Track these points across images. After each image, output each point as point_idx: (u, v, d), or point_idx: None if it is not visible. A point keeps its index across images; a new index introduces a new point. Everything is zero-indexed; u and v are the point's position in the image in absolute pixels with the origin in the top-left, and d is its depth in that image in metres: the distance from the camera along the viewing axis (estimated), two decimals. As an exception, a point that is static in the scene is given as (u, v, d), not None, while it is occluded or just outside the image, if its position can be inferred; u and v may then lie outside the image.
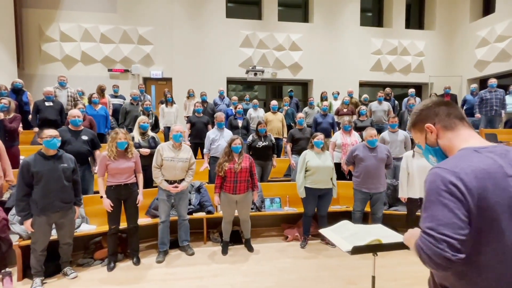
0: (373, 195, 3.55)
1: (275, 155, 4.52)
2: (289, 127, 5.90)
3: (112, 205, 2.89)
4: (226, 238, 3.46)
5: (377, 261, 3.15)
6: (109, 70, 8.02)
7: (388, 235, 1.52)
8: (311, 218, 3.67)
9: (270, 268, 3.04)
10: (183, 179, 3.27)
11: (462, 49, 9.24)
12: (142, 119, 3.89)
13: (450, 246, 0.76)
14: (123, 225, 3.09)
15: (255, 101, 6.40)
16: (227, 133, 4.38)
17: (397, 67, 9.42)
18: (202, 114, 5.27)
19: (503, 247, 0.79)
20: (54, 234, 2.79)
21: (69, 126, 3.57)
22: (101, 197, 2.90)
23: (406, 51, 9.41)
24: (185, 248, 3.38)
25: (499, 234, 0.79)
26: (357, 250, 1.40)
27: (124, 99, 6.94)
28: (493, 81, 6.47)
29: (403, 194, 3.54)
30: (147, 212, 3.66)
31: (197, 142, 5.04)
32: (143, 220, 3.44)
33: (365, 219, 3.87)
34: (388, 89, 7.14)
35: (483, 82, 8.58)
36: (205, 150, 4.28)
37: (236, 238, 3.71)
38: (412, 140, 4.57)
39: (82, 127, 3.67)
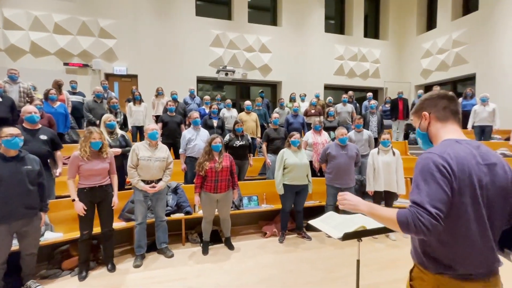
0: (344, 190, 3.84)
1: (251, 154, 4.61)
2: (262, 127, 6.05)
3: (86, 208, 2.69)
4: (206, 238, 3.44)
5: (345, 251, 3.45)
6: (65, 64, 7.31)
7: (369, 222, 1.71)
8: (288, 214, 3.83)
9: (252, 264, 3.11)
10: (160, 179, 3.18)
11: (410, 58, 10.40)
12: (107, 117, 3.65)
13: (441, 218, 0.92)
14: (95, 230, 2.89)
15: (228, 100, 6.42)
16: (204, 133, 4.35)
17: (357, 72, 10.23)
18: (174, 114, 5.13)
19: (465, 213, 0.97)
20: (15, 244, 2.50)
21: (24, 125, 3.19)
22: (73, 200, 2.67)
23: (365, 58, 10.27)
24: (164, 250, 3.28)
25: (465, 203, 0.97)
26: (347, 236, 1.55)
27: (84, 96, 6.42)
28: (436, 88, 7.44)
29: (370, 188, 3.91)
30: (120, 216, 3.46)
31: (170, 143, 4.88)
32: (117, 224, 3.25)
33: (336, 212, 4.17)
34: (350, 92, 7.73)
35: (427, 89, 9.77)
36: (181, 150, 4.18)
37: (215, 237, 3.71)
38: (376, 139, 5.04)
39: (40, 126, 3.31)
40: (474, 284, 1.00)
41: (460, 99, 7.06)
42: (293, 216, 4.05)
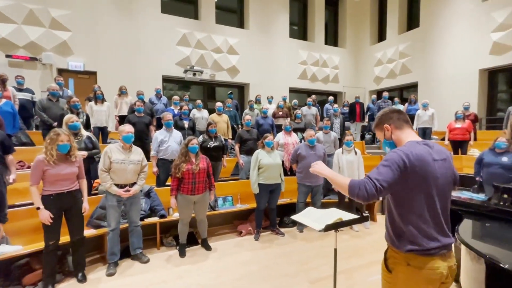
0: (314, 187, 4.15)
1: (225, 155, 4.67)
2: (232, 129, 6.14)
3: (52, 216, 2.49)
4: (183, 240, 3.42)
5: (315, 244, 3.74)
6: (8, 56, 6.47)
7: (343, 214, 1.94)
8: (263, 212, 4.00)
9: (231, 262, 3.19)
10: (134, 183, 3.08)
11: (365, 66, 11.43)
12: (69, 118, 3.39)
13: (381, 192, 1.21)
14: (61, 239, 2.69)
15: (199, 101, 6.36)
16: (176, 134, 4.29)
17: (318, 77, 10.89)
18: (143, 114, 4.94)
19: (424, 195, 1.25)
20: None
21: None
22: (38, 208, 2.46)
23: (326, 64, 10.99)
24: (139, 256, 3.18)
25: (422, 189, 1.25)
26: (328, 228, 1.75)
27: (33, 93, 5.78)
28: (385, 94, 8.35)
29: (336, 185, 4.26)
30: (88, 223, 3.24)
31: (138, 145, 4.66)
32: (87, 231, 3.05)
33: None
34: (314, 96, 8.23)
35: (380, 94, 10.84)
36: (153, 152, 4.06)
37: (191, 239, 3.70)
38: (340, 139, 5.49)
39: (-15, 127, 2.96)
40: (434, 257, 1.25)
41: (406, 104, 8.04)
42: (266, 215, 4.22)
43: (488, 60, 7.49)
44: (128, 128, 3.00)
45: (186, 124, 5.15)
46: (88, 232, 3.07)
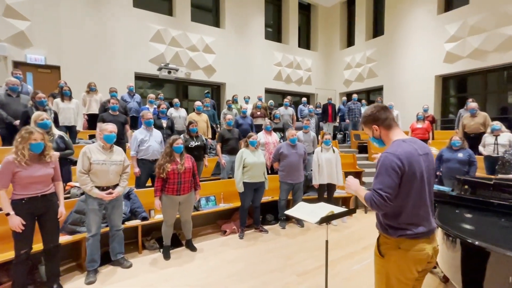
0: (295, 185, 4.29)
1: (206, 155, 4.62)
2: (211, 128, 6.08)
3: (24, 223, 2.27)
4: (167, 242, 3.32)
5: (298, 239, 3.87)
6: (-49, 45, 5.69)
7: (333, 208, 2.07)
8: (247, 210, 4.03)
9: (218, 262, 3.18)
10: (117, 184, 2.92)
11: (335, 69, 12.03)
12: (39, 115, 3.13)
13: (388, 198, 1.33)
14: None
15: (176, 100, 6.19)
16: (157, 133, 4.15)
17: (293, 79, 11.21)
18: (118, 112, 4.69)
19: (414, 188, 1.39)
20: None
21: None
22: (7, 214, 2.22)
23: (299, 66, 11.35)
24: (120, 261, 3.02)
25: (413, 183, 1.38)
26: (323, 220, 1.86)
27: (-16, 87, 5.15)
28: (354, 96, 8.88)
29: (315, 182, 4.47)
30: (62, 229, 3.00)
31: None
32: (62, 238, 2.83)
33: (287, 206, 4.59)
34: (289, 97, 8.48)
35: (349, 96, 11.48)
36: (132, 152, 3.88)
37: (175, 241, 3.61)
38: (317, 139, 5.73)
39: None
40: (421, 240, 1.41)
41: (373, 106, 8.63)
42: (249, 213, 4.26)
43: (442, 68, 8.36)
44: (111, 127, 2.83)
45: (164, 123, 4.99)
46: (64, 238, 2.84)
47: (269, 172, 5.00)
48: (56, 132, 3.25)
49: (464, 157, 4.11)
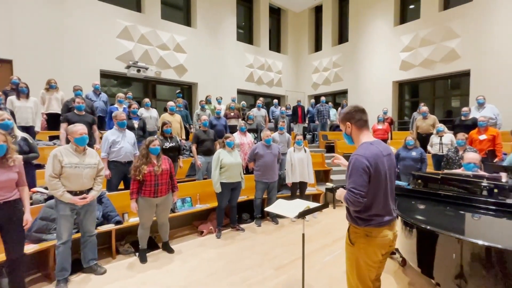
0: (270, 184, 4.47)
1: (181, 156, 4.59)
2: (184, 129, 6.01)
3: (-14, 233, 2.11)
4: (143, 245, 3.27)
5: (273, 235, 4.05)
6: None
7: (309, 203, 2.26)
8: (223, 210, 4.11)
9: (197, 262, 3.22)
10: (90, 188, 2.82)
11: (304, 72, 12.56)
12: None
13: (361, 196, 1.53)
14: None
15: (146, 100, 6.01)
16: (129, 134, 4.03)
17: (264, 80, 11.47)
18: (84, 112, 4.45)
19: (380, 184, 1.61)
20: None
21: None
22: (-33, 224, 2.04)
23: (270, 68, 11.65)
24: (93, 268, 2.91)
25: (379, 181, 1.61)
26: (301, 214, 2.03)
27: None
28: (323, 99, 9.39)
29: (289, 180, 4.69)
30: (26, 237, 2.79)
31: (80, 146, 4.20)
32: (28, 247, 2.64)
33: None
34: (262, 98, 8.69)
35: (317, 98, 12.07)
36: (103, 154, 3.72)
37: (150, 244, 3.54)
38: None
39: None
40: (384, 227, 1.64)
41: (339, 109, 9.22)
42: (225, 213, 4.34)
43: (398, 75, 9.23)
44: (82, 129, 2.71)
45: (135, 123, 4.85)
46: (28, 248, 2.66)
47: (245, 172, 5.11)
48: (19, 133, 3.02)
49: (417, 155, 4.64)
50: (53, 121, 5.67)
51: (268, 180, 4.40)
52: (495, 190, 2.51)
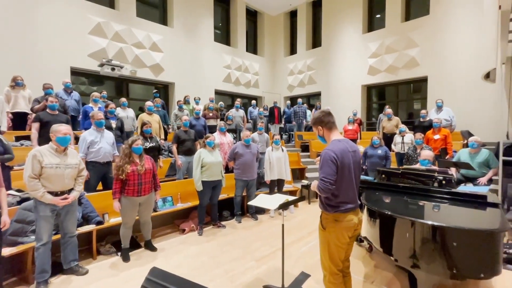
0: (249, 181, 4.67)
1: (161, 156, 4.62)
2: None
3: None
4: (126, 244, 3.29)
5: (254, 230, 4.26)
6: None
7: (288, 197, 2.50)
8: (205, 208, 4.22)
9: (181, 258, 3.32)
10: (71, 189, 2.80)
11: (280, 74, 12.95)
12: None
13: (330, 184, 1.79)
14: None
15: (123, 99, 5.91)
16: (108, 135, 3.99)
17: (242, 81, 11.65)
18: (57, 112, 4.31)
19: (346, 176, 1.87)
20: None
21: None
22: None
23: (247, 70, 11.85)
24: (75, 269, 2.89)
25: (345, 173, 1.87)
26: (281, 206, 2.25)
27: None
28: (299, 100, 9.82)
29: (267, 178, 4.93)
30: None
31: (54, 146, 4.07)
32: (5, 250, 2.57)
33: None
34: (239, 99, 8.86)
35: (293, 100, 12.51)
36: (80, 154, 3.65)
37: (132, 243, 3.56)
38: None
39: None
40: (350, 213, 1.91)
41: (313, 110, 9.69)
42: (206, 211, 4.45)
43: (366, 79, 9.92)
44: (65, 129, 2.69)
45: (113, 123, 4.77)
46: (5, 251, 2.59)
47: (225, 171, 5.26)
48: (-10, 134, 2.90)
49: (382, 153, 5.13)
50: (19, 120, 5.37)
51: (247, 178, 4.59)
52: (444, 182, 2.95)
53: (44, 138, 4.12)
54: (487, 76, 5.35)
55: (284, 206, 2.31)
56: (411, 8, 9.08)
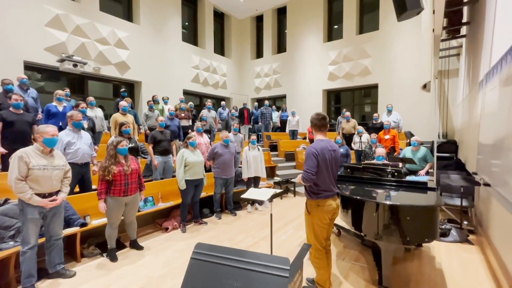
0: (228, 179, 4.92)
1: (139, 157, 4.59)
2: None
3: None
4: (112, 244, 3.30)
5: (234, 225, 4.54)
6: None
7: (275, 190, 2.86)
8: (187, 206, 4.36)
9: (170, 253, 3.44)
10: (58, 190, 2.76)
11: (247, 77, 13.33)
12: None
13: (312, 174, 2.21)
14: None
15: (91, 98, 5.64)
16: (85, 135, 3.88)
17: (210, 82, 11.72)
18: (22, 111, 4.03)
19: (325, 169, 2.30)
20: None
21: None
22: None
23: (215, 71, 11.97)
24: (61, 272, 2.84)
25: (325, 166, 2.30)
26: (273, 197, 2.60)
27: None
28: (266, 102, 10.30)
29: (245, 176, 5.23)
30: (-22, 248, 2.55)
31: (20, 148, 3.79)
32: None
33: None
34: (210, 100, 8.98)
35: (260, 101, 12.98)
36: (57, 156, 3.50)
37: (116, 244, 3.55)
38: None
39: None
40: (329, 199, 2.34)
41: (280, 112, 10.28)
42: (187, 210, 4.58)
43: (327, 84, 10.85)
44: (54, 130, 2.64)
45: (85, 124, 4.60)
46: (-11, 256, 2.46)
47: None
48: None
49: (344, 151, 5.83)
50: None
51: (226, 176, 4.84)
52: (396, 174, 3.62)
53: (8, 140, 3.84)
54: (424, 86, 6.45)
55: (275, 197, 2.66)
56: (364, 23, 10.25)
